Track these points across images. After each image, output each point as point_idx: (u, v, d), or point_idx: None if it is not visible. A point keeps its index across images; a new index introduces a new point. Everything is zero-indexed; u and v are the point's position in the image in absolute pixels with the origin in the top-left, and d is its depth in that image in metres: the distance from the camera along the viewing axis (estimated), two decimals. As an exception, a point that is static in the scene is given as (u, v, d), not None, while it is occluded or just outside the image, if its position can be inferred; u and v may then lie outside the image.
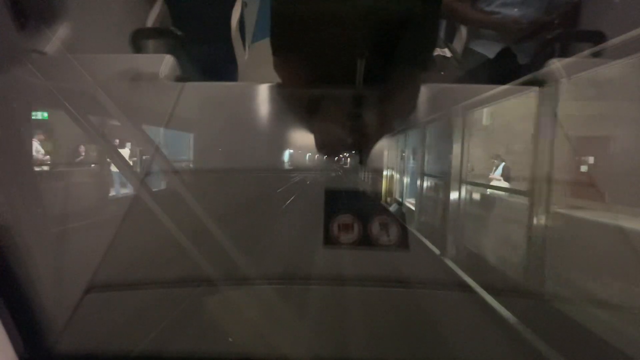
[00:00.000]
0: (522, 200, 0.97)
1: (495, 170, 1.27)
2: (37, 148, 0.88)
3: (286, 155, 0.90)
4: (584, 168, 1.03)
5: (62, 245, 0.70)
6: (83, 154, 0.88)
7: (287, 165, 0.86)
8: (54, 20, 1.43)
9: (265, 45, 1.05)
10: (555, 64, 1.11)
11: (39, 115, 0.95)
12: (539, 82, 1.12)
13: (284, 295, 0.64)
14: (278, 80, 1.08)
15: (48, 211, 0.76)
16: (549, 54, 1.30)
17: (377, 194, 0.89)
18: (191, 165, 0.87)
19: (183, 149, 0.92)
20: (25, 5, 1.33)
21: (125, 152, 0.86)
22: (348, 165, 0.86)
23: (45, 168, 0.85)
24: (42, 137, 0.91)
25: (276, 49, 1.03)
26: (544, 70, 1.13)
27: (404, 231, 0.66)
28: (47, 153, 0.89)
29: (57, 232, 0.72)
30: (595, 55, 1.18)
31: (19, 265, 0.56)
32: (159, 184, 0.82)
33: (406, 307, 0.63)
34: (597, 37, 1.18)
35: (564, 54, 1.40)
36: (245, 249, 0.69)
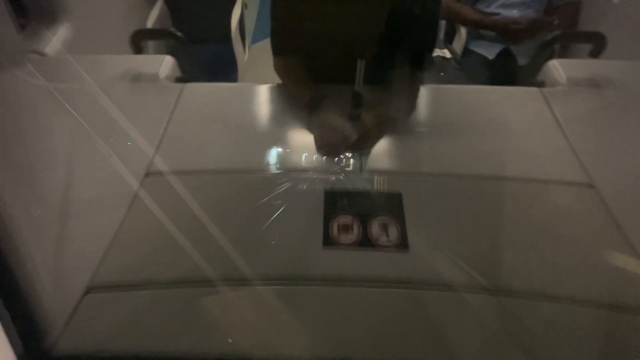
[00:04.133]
0: None
1: None
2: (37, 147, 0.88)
3: (284, 155, 0.90)
4: None
5: (61, 245, 0.70)
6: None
7: (283, 167, 0.86)
8: (54, 20, 1.43)
9: (264, 46, 1.05)
10: (555, 65, 1.11)
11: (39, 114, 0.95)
12: (538, 83, 1.12)
13: (284, 296, 0.64)
14: (279, 81, 1.08)
15: (47, 211, 0.76)
16: (549, 55, 1.30)
17: None
18: (192, 166, 0.87)
19: (184, 150, 0.91)
20: (26, 5, 1.33)
21: (126, 152, 0.85)
22: (351, 167, 0.86)
23: (45, 167, 0.85)
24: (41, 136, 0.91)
25: (277, 49, 1.04)
26: (544, 71, 1.13)
27: None
28: (47, 152, 0.89)
29: (57, 232, 0.72)
30: (595, 56, 1.18)
31: (18, 265, 0.56)
32: (159, 184, 0.81)
33: (407, 307, 0.63)
34: (596, 38, 1.18)
35: (563, 55, 1.41)
36: (245, 249, 0.69)
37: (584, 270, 0.67)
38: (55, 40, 1.37)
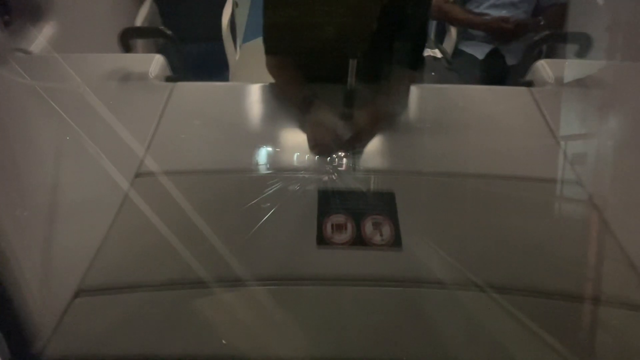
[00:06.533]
0: None
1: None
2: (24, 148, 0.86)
3: (276, 155, 0.90)
4: None
5: (49, 248, 0.69)
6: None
7: (275, 167, 0.86)
8: (39, 17, 1.40)
9: (256, 45, 1.04)
10: (543, 65, 1.13)
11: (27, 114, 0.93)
12: (527, 83, 1.13)
13: (278, 295, 0.64)
14: (270, 80, 1.07)
15: (34, 212, 0.74)
16: (537, 56, 1.32)
17: None
18: (183, 167, 0.86)
19: (175, 150, 0.90)
20: (10, 1, 1.30)
21: (115, 152, 0.84)
22: (344, 167, 0.86)
23: (32, 168, 0.83)
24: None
25: (269, 48, 1.03)
26: (532, 71, 1.15)
27: None
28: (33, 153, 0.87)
29: (45, 234, 0.70)
30: (581, 56, 1.21)
31: (5, 268, 0.55)
32: (150, 185, 0.80)
33: (405, 306, 0.63)
34: (582, 39, 1.21)
35: (551, 55, 1.43)
36: (238, 250, 0.69)
37: (573, 267, 0.68)
38: (41, 38, 1.34)
